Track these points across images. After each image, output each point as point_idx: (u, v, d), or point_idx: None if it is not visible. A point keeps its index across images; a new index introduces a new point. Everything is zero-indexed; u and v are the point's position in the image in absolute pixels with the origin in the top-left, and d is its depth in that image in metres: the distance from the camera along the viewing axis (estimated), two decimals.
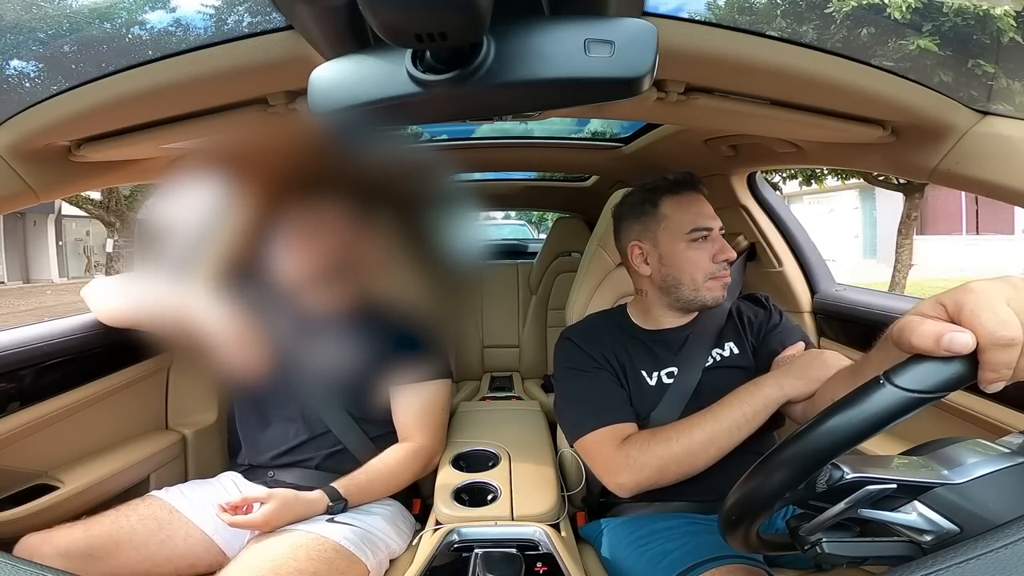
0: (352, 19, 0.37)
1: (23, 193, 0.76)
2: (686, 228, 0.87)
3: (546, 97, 0.39)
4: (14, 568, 0.34)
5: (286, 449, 0.96)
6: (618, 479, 0.79)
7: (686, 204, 0.89)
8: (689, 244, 0.87)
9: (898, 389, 0.37)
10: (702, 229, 0.87)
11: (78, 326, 1.09)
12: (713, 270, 0.87)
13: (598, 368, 0.89)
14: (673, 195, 0.90)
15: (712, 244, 0.87)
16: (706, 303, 0.88)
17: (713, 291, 0.87)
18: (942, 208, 11.56)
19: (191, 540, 0.86)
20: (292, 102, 0.64)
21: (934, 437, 0.46)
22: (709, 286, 0.87)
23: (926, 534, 0.41)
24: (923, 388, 0.36)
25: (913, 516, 0.41)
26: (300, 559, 0.75)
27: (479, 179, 2.03)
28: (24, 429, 0.96)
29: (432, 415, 1.02)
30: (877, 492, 0.41)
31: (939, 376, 0.36)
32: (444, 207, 0.85)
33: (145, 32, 0.60)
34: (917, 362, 0.37)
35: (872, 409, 0.37)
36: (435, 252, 0.86)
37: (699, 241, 0.87)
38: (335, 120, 0.40)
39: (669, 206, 0.90)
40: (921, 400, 0.36)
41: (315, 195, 0.88)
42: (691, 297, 0.88)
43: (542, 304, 1.97)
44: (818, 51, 0.57)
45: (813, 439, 0.40)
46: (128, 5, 0.62)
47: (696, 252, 0.87)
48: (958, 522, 0.40)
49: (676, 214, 0.89)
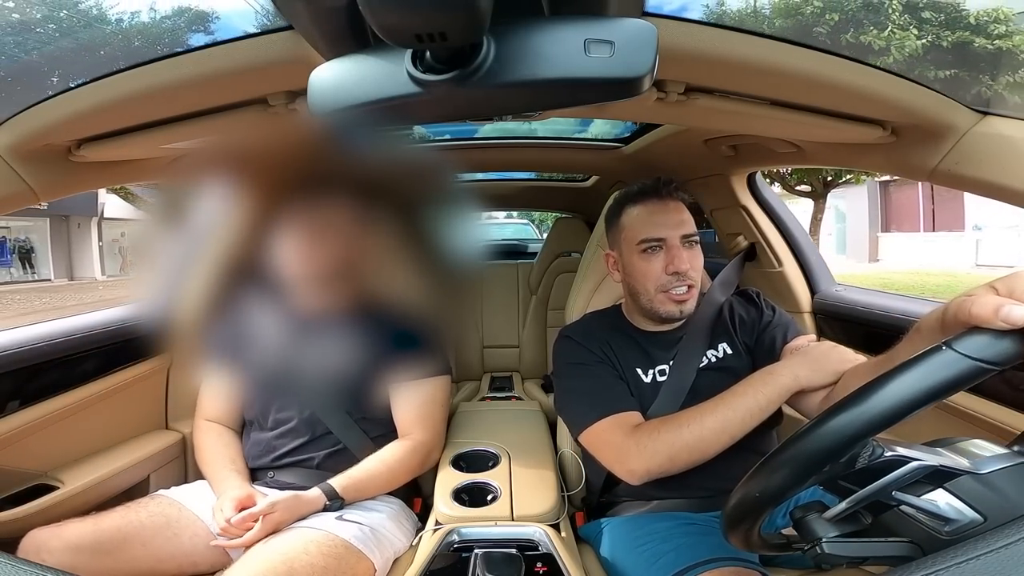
0: (352, 19, 0.37)
1: (23, 193, 0.76)
2: (637, 239, 0.87)
3: (546, 97, 0.39)
4: (14, 568, 0.34)
5: (287, 450, 0.96)
6: (629, 465, 0.78)
7: (644, 214, 0.88)
8: (641, 255, 0.86)
9: (960, 355, 0.37)
10: (652, 240, 0.85)
11: (78, 326, 1.09)
12: (664, 282, 0.85)
13: (599, 362, 0.89)
14: (635, 204, 0.90)
15: (666, 254, 0.85)
16: (661, 315, 0.87)
17: (666, 305, 0.86)
18: (904, 206, 12.72)
19: (196, 539, 0.87)
20: (292, 102, 0.64)
21: (934, 437, 0.46)
22: (661, 299, 0.86)
23: (949, 523, 0.40)
24: (984, 357, 0.36)
25: (941, 504, 0.41)
26: (313, 554, 0.76)
27: (479, 179, 2.03)
28: (24, 429, 0.96)
29: (431, 411, 1.02)
30: (922, 470, 0.41)
31: (998, 348, 0.37)
32: (444, 207, 0.85)
33: (145, 32, 0.60)
34: (977, 332, 0.38)
35: (934, 376, 0.37)
36: (435, 252, 0.86)
37: (650, 252, 0.86)
38: (335, 120, 0.40)
39: (629, 215, 0.90)
40: (982, 370, 0.36)
41: (314, 195, 0.88)
42: (649, 307, 0.88)
43: (542, 304, 1.97)
44: (818, 51, 0.57)
45: (869, 407, 0.39)
46: (129, 5, 0.62)
47: (646, 263, 0.86)
48: (982, 511, 0.39)
49: (632, 224, 0.89)
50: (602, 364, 0.89)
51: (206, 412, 1.04)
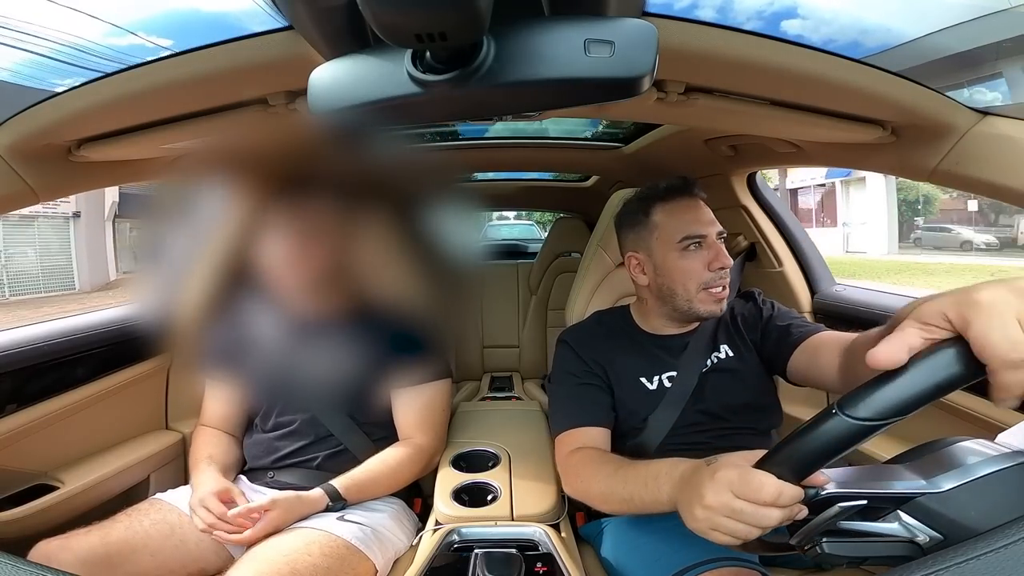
0: (352, 19, 0.37)
1: (23, 193, 0.76)
2: (677, 237, 0.85)
3: (546, 97, 0.39)
4: (14, 568, 0.34)
5: (288, 451, 0.96)
6: (564, 482, 0.83)
7: (678, 212, 0.87)
8: (681, 253, 0.85)
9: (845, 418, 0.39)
10: (694, 237, 0.84)
11: (78, 326, 1.09)
12: (708, 279, 0.84)
13: (587, 373, 0.89)
14: (665, 203, 0.88)
15: (707, 251, 0.84)
16: (701, 315, 0.86)
17: (707, 304, 0.85)
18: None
19: (203, 544, 0.86)
20: (292, 102, 0.64)
21: (934, 437, 0.46)
22: (702, 298, 0.84)
23: (920, 538, 0.41)
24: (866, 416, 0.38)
25: (895, 526, 0.42)
26: (315, 555, 0.76)
27: (479, 179, 2.03)
28: (24, 429, 0.96)
29: (433, 416, 1.02)
30: (849, 508, 0.42)
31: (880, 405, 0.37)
32: (444, 207, 0.85)
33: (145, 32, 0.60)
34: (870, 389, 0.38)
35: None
36: (435, 253, 0.86)
37: (692, 249, 0.85)
38: (335, 120, 0.40)
39: (661, 214, 0.88)
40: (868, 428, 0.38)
41: (314, 196, 0.87)
42: (686, 308, 0.86)
43: (542, 304, 1.97)
44: (818, 51, 0.57)
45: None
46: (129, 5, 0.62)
47: (688, 261, 0.85)
48: (940, 530, 0.40)
49: (667, 222, 0.87)
50: (589, 376, 0.89)
51: (204, 417, 1.04)
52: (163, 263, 0.85)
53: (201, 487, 0.87)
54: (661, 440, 0.86)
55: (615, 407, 0.88)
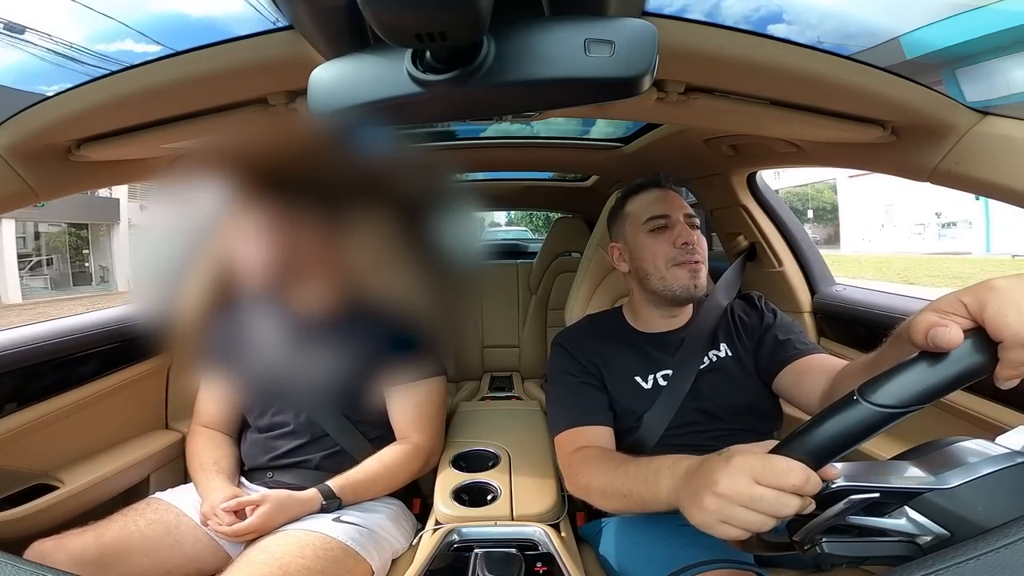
0: (352, 19, 0.37)
1: (23, 193, 0.76)
2: (644, 218, 0.92)
3: (546, 97, 0.39)
4: (13, 568, 0.34)
5: (285, 451, 0.96)
6: (568, 480, 0.82)
7: (647, 199, 0.94)
8: (648, 233, 0.91)
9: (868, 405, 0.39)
10: (658, 217, 0.90)
11: (78, 326, 1.09)
12: (674, 255, 0.88)
13: (583, 372, 0.90)
14: (637, 194, 0.96)
15: (672, 231, 0.90)
16: (675, 292, 0.88)
17: (680, 280, 0.87)
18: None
19: (199, 545, 0.86)
20: (292, 102, 0.64)
21: (934, 437, 0.46)
22: (674, 274, 0.87)
23: (921, 537, 0.41)
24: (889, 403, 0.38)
25: (903, 521, 0.42)
26: (308, 557, 0.75)
27: (479, 179, 2.03)
28: (24, 429, 0.96)
29: (428, 414, 1.02)
30: (860, 501, 0.41)
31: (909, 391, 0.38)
32: (443, 207, 0.84)
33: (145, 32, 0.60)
34: (896, 375, 0.39)
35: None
36: (434, 253, 0.86)
37: (658, 230, 0.90)
38: (335, 120, 0.40)
39: (632, 204, 0.96)
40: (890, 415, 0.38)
41: (310, 195, 0.87)
42: (660, 287, 0.89)
43: (542, 304, 1.97)
44: (818, 51, 0.57)
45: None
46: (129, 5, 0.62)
47: (655, 240, 0.90)
48: (947, 527, 0.40)
49: (637, 209, 0.95)
50: (585, 375, 0.90)
51: (200, 418, 1.04)
52: (163, 263, 0.85)
53: (214, 494, 0.87)
54: (658, 439, 0.86)
55: (612, 406, 0.89)
